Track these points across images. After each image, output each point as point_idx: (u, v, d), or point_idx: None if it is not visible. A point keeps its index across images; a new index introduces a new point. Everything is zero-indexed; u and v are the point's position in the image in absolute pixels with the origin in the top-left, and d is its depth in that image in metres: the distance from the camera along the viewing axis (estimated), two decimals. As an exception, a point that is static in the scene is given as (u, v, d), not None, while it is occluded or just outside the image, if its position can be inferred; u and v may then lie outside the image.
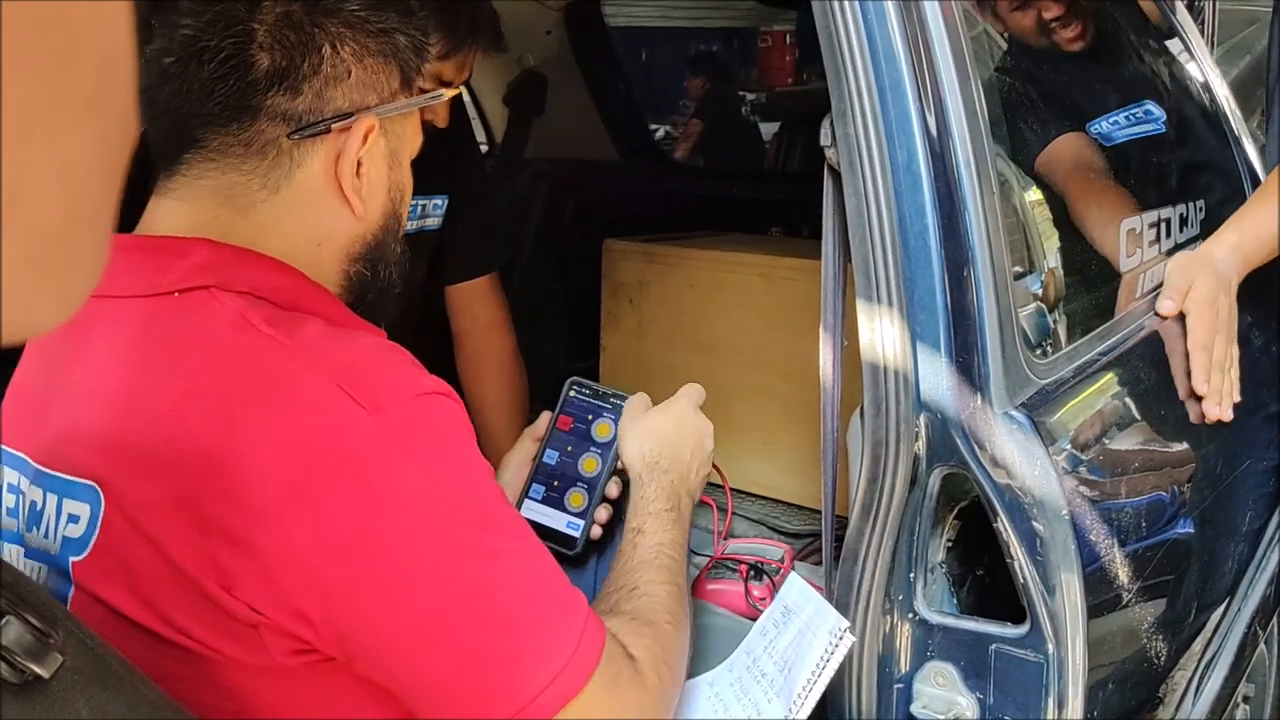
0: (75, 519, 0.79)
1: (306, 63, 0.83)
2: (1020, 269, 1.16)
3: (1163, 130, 1.57)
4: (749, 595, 1.20)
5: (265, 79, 0.82)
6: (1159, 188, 1.68)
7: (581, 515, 1.15)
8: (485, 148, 2.53)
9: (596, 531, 1.16)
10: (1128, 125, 1.52)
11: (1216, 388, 1.29)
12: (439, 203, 1.72)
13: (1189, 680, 1.32)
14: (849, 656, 0.97)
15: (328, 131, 0.85)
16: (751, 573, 1.22)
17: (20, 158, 0.30)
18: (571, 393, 1.20)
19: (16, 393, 0.90)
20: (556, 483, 1.17)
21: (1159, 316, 1.33)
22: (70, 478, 0.80)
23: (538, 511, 1.16)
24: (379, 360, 0.79)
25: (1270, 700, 1.71)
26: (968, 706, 0.97)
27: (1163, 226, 1.53)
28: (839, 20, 0.97)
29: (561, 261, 2.38)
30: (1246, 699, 1.61)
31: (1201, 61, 1.96)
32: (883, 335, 0.97)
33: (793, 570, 1.16)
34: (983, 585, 1.05)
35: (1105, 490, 1.08)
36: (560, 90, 2.51)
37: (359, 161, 0.87)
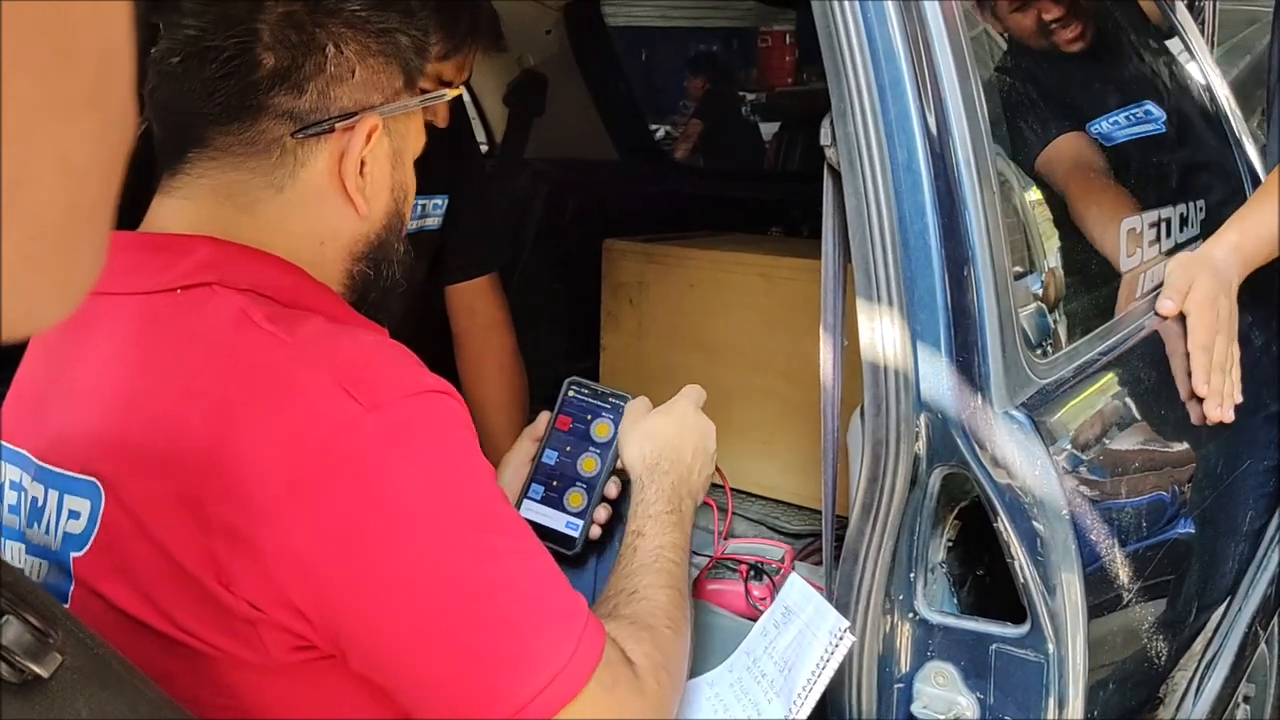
0: (76, 515, 0.80)
1: (310, 62, 0.83)
2: (1020, 269, 1.16)
3: (1163, 130, 1.57)
4: (749, 595, 1.19)
5: (269, 78, 0.82)
6: (1159, 188, 1.68)
7: (580, 515, 1.15)
8: (485, 148, 2.53)
9: (596, 531, 1.16)
10: (1128, 125, 1.52)
11: (1217, 389, 1.28)
12: (439, 203, 1.72)
13: (1189, 680, 1.32)
14: (849, 656, 0.96)
15: (331, 131, 0.85)
16: (752, 573, 1.22)
17: (20, 155, 0.30)
18: (570, 392, 1.20)
19: (19, 389, 0.90)
20: (555, 483, 1.17)
21: (1159, 316, 1.32)
22: (71, 474, 0.80)
23: (537, 511, 1.15)
24: (380, 358, 0.79)
25: (1271, 700, 1.71)
26: (968, 706, 0.96)
27: (1163, 226, 1.53)
28: (839, 20, 0.97)
29: (561, 261, 2.38)
30: (1247, 699, 1.61)
31: (1201, 61, 1.96)
32: (883, 335, 0.97)
33: (793, 570, 1.16)
34: (983, 585, 1.04)
35: (1106, 490, 1.08)
36: (560, 90, 2.51)
37: (363, 161, 0.87)
